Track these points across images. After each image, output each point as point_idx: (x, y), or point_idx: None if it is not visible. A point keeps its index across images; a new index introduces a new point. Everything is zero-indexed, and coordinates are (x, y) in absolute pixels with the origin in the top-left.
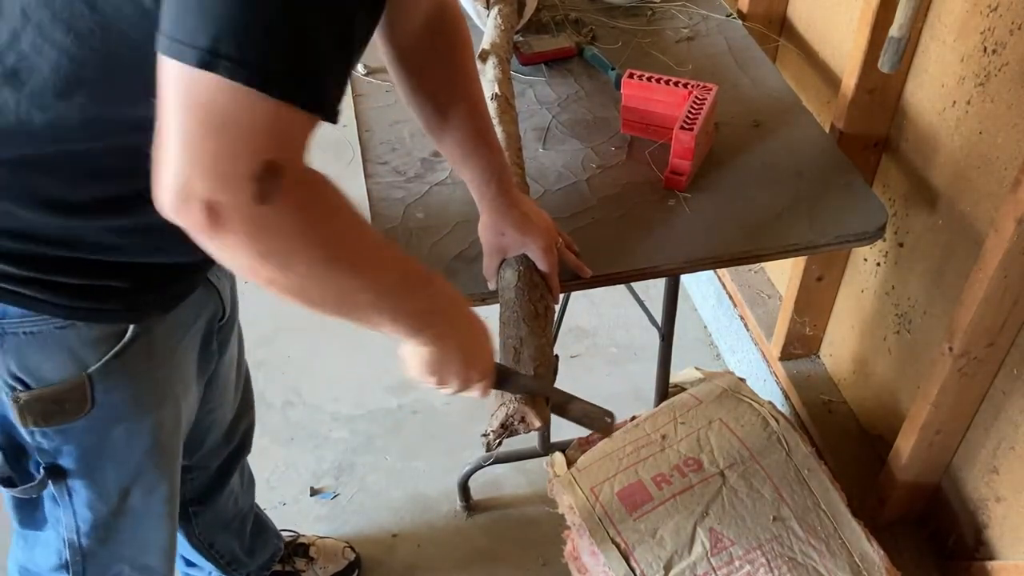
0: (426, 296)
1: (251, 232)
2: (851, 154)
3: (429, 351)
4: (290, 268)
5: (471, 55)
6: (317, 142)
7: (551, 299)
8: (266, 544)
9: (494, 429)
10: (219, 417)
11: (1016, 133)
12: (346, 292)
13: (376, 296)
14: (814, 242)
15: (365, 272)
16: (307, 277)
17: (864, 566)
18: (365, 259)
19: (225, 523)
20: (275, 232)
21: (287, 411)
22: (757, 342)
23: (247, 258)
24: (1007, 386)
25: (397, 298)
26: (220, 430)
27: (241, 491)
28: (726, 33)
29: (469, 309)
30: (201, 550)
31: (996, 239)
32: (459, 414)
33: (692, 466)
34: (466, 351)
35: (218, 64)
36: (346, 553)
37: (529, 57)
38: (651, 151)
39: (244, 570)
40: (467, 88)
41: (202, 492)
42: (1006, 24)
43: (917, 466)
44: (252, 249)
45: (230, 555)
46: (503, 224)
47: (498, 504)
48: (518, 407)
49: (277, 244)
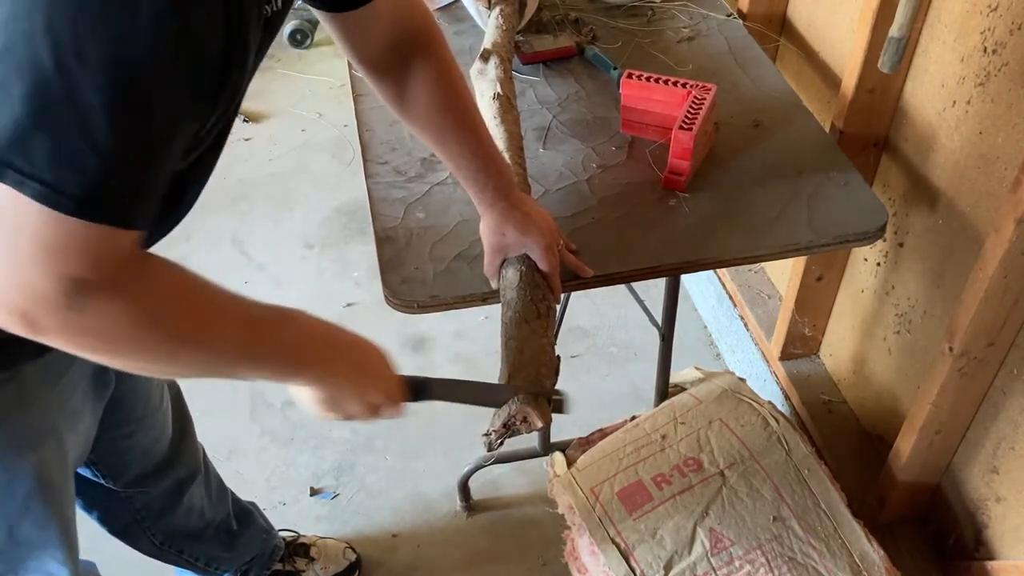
0: (287, 341)
1: (68, 335)
2: (851, 154)
3: (315, 390)
4: (121, 357)
5: (451, 64)
6: (317, 142)
7: (552, 299)
8: (251, 539)
9: (496, 429)
10: (143, 442)
11: (1016, 133)
12: (196, 363)
13: (232, 357)
14: (814, 242)
15: (207, 342)
16: (145, 361)
17: (864, 566)
18: (204, 331)
19: (193, 534)
20: (94, 332)
21: (287, 411)
22: (757, 342)
23: (76, 351)
24: (1007, 386)
25: (255, 353)
26: (152, 456)
27: (208, 503)
28: (726, 33)
29: (348, 336)
30: (170, 559)
31: (996, 239)
32: (459, 414)
33: (692, 466)
34: (355, 379)
35: (7, 175)
36: (347, 554)
37: (529, 57)
38: (651, 151)
39: (229, 565)
40: (454, 98)
41: (153, 509)
42: (1006, 24)
43: (917, 466)
44: (75, 346)
45: (206, 557)
46: (504, 225)
47: (498, 504)
48: (520, 407)
49: (98, 342)
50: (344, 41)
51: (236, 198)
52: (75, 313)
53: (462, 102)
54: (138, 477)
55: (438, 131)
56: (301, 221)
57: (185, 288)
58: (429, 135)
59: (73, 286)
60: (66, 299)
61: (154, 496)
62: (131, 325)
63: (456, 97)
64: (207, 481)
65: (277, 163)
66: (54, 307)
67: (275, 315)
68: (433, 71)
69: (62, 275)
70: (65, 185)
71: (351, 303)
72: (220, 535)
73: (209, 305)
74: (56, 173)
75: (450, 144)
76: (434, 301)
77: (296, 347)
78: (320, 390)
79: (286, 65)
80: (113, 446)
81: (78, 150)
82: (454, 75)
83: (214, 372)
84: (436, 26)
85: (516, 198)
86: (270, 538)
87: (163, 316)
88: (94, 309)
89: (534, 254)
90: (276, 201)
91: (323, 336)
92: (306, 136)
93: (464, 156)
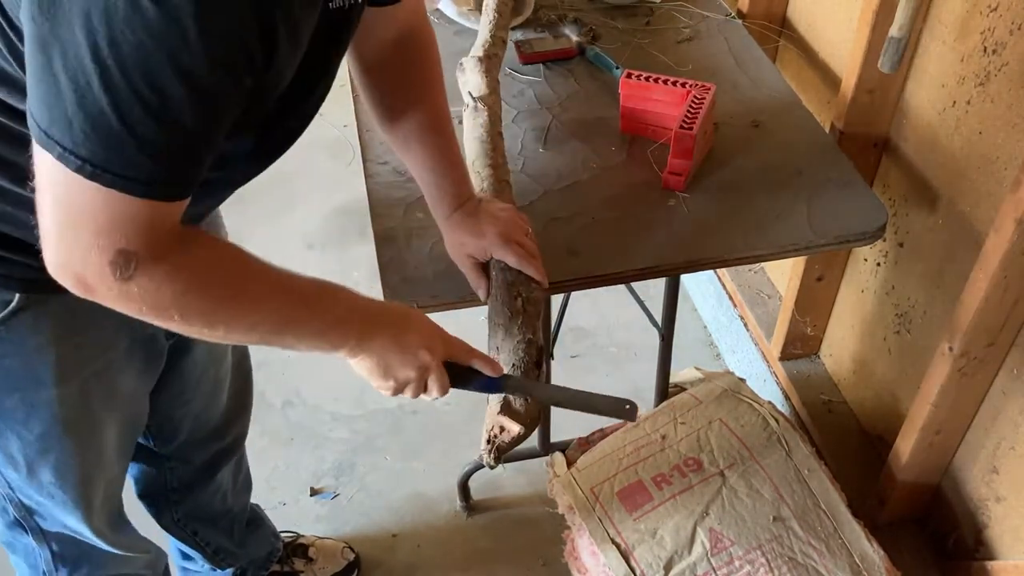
0: (327, 311)
1: (120, 300)
2: (851, 154)
3: (364, 358)
4: (169, 321)
5: (438, 77)
6: (317, 142)
7: (531, 289)
8: (260, 541)
9: (484, 448)
10: (196, 410)
11: (1016, 133)
12: (240, 330)
13: (275, 325)
14: (814, 242)
15: (251, 311)
16: (191, 326)
17: (864, 566)
18: (244, 301)
19: (211, 518)
20: (142, 299)
21: (287, 411)
22: (757, 342)
23: (129, 313)
24: (1007, 386)
25: (298, 322)
26: (203, 425)
27: (232, 490)
28: (726, 33)
29: (389, 305)
30: (182, 537)
31: (996, 239)
32: (459, 414)
33: (692, 466)
34: (401, 342)
35: (68, 159)
36: (345, 553)
37: (529, 57)
38: (651, 151)
39: (233, 561)
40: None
41: (185, 483)
42: (1006, 24)
43: (917, 466)
44: (126, 309)
45: (216, 545)
46: (461, 236)
47: (498, 504)
48: (494, 418)
49: (147, 307)
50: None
51: (236, 198)
52: (123, 282)
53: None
54: (186, 443)
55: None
56: (301, 221)
57: (226, 260)
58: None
59: (122, 257)
60: (115, 269)
61: (194, 466)
62: (175, 294)
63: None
64: (239, 466)
65: (277, 163)
66: (106, 276)
67: (316, 287)
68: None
69: (112, 248)
70: (114, 167)
71: None
72: (235, 527)
73: (250, 277)
74: (106, 156)
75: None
76: (434, 301)
77: (336, 317)
78: (367, 358)
79: None
80: (169, 414)
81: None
82: (436, 81)
83: (261, 340)
84: (431, 29)
85: (471, 206)
86: (277, 541)
87: (205, 286)
88: (141, 279)
89: (496, 252)
90: (276, 201)
91: (363, 306)
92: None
93: (426, 164)
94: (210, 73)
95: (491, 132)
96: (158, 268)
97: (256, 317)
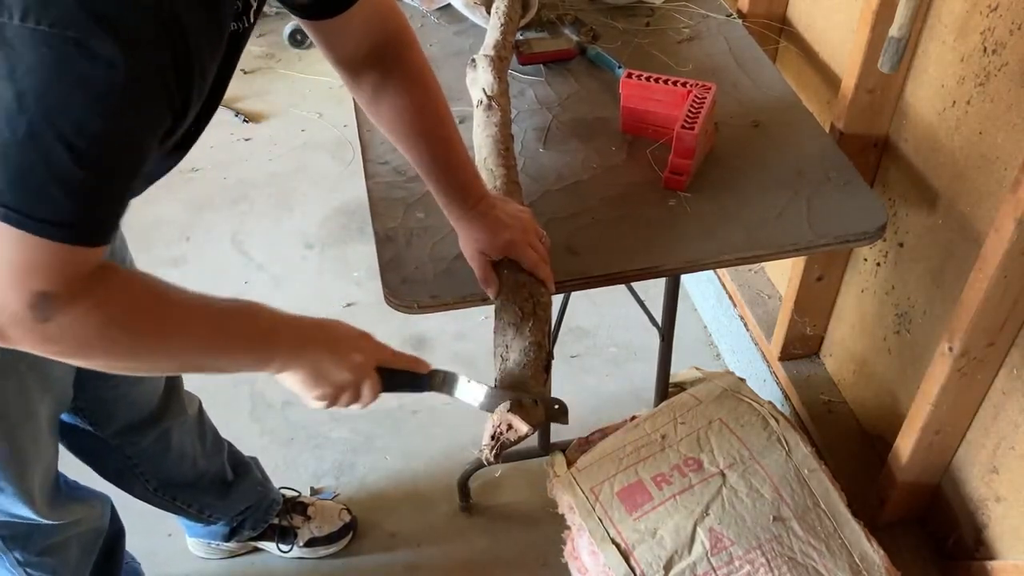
0: (250, 329)
1: (37, 343)
2: (851, 154)
3: (297, 369)
4: (92, 359)
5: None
6: (317, 142)
7: (541, 293)
8: (246, 491)
9: (486, 443)
10: (129, 394)
11: (1016, 133)
12: (165, 359)
13: (198, 350)
14: (814, 242)
15: (172, 340)
16: (117, 360)
17: (864, 566)
18: (168, 330)
19: (187, 483)
20: (61, 340)
21: (287, 411)
22: (757, 342)
23: (47, 355)
24: (1007, 386)
25: (225, 340)
26: (139, 409)
27: (202, 455)
28: (726, 33)
29: (310, 318)
30: (162, 505)
31: (996, 239)
32: (459, 414)
33: (692, 466)
34: (328, 346)
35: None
36: (342, 515)
37: (529, 57)
38: (651, 151)
39: (222, 514)
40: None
41: (145, 458)
42: (1006, 24)
43: (917, 466)
44: (45, 352)
45: (199, 504)
46: (476, 232)
47: (498, 504)
48: (503, 415)
49: (67, 348)
50: (322, 46)
51: (236, 198)
52: (42, 324)
53: (432, 110)
54: (125, 428)
55: (407, 138)
56: (301, 221)
57: (146, 292)
58: (400, 142)
59: (40, 300)
60: (33, 312)
61: (144, 446)
62: (98, 330)
63: (426, 105)
64: (201, 433)
65: (277, 163)
66: (21, 319)
67: (237, 306)
68: (406, 78)
69: (29, 291)
70: (33, 210)
71: (351, 303)
72: (215, 484)
73: (170, 306)
74: (24, 199)
75: (420, 152)
76: (434, 301)
77: (262, 331)
78: (299, 370)
79: (286, 65)
80: (98, 395)
81: (44, 182)
82: (427, 81)
83: (186, 367)
84: (412, 33)
85: (486, 204)
86: (266, 491)
87: (127, 320)
88: (60, 319)
89: (512, 253)
90: (276, 201)
91: (288, 319)
92: (306, 136)
93: (433, 166)
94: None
95: (504, 132)
96: (80, 307)
97: (181, 342)
